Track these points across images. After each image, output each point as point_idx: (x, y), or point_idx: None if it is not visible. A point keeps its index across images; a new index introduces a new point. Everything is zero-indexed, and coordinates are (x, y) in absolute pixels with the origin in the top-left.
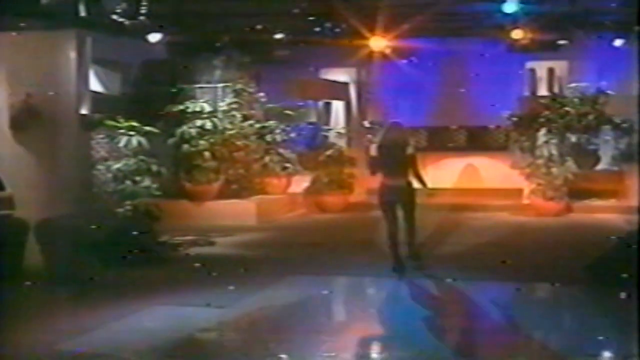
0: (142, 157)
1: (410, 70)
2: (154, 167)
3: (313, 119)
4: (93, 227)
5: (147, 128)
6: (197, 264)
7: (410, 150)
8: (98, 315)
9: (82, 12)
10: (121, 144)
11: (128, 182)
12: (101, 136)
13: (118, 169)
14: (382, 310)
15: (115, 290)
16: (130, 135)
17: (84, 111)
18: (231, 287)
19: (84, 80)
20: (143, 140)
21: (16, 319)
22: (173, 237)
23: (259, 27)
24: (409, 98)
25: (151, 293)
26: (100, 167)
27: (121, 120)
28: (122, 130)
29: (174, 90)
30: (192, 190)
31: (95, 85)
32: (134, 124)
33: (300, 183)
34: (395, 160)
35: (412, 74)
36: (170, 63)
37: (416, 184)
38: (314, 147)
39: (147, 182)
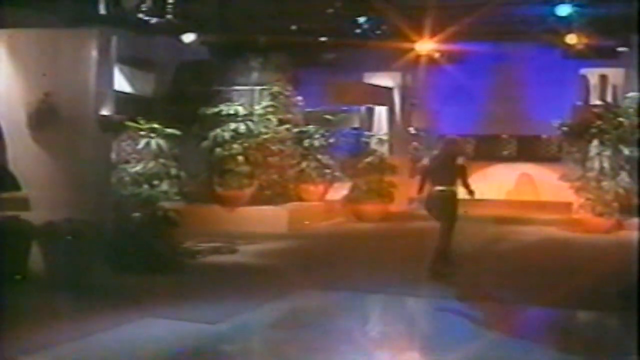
0: (162, 160)
1: (458, 75)
2: (173, 171)
3: (354, 124)
4: (102, 231)
5: (169, 130)
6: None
7: (460, 161)
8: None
9: (106, 10)
10: (140, 146)
11: (145, 186)
12: (123, 138)
13: (136, 172)
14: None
15: (113, 299)
16: (151, 138)
17: (105, 112)
18: (233, 301)
19: (108, 79)
20: (162, 142)
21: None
22: (196, 244)
23: (295, 27)
24: (456, 105)
25: (147, 303)
26: (119, 169)
27: (142, 121)
28: (143, 133)
29: (208, 91)
30: (224, 195)
31: (123, 85)
32: (155, 125)
33: (338, 190)
34: (446, 170)
35: (460, 80)
36: (205, 64)
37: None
38: (354, 153)
39: (165, 186)
